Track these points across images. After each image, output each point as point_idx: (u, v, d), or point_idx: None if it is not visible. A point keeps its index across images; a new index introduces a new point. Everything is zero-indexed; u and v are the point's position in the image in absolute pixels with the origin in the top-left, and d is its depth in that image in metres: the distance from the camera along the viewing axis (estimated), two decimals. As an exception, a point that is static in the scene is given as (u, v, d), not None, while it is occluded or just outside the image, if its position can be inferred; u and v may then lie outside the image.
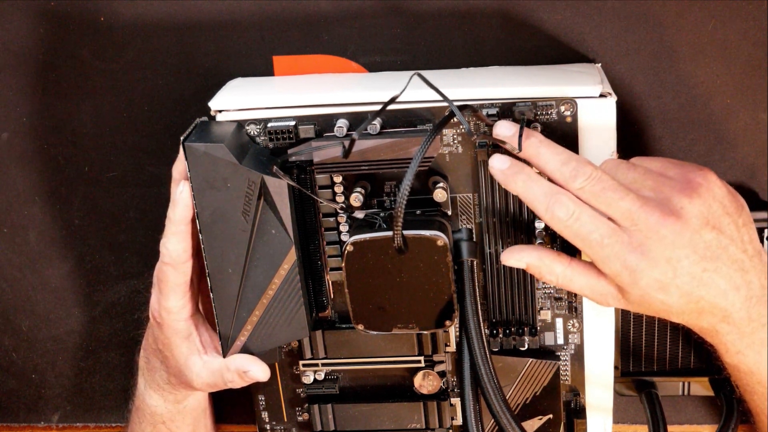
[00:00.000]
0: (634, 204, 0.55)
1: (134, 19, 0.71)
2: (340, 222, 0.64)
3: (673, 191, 0.56)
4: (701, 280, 0.55)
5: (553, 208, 0.56)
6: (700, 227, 0.55)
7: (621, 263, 0.55)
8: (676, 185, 0.56)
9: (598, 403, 0.70)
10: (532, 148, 0.57)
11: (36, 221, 0.79)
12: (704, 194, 0.56)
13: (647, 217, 0.55)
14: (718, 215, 0.56)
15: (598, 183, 0.56)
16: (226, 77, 0.69)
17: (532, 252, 0.59)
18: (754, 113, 0.68)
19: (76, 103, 0.74)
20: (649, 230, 0.55)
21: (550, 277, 0.59)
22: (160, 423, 0.71)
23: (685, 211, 0.55)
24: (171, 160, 0.63)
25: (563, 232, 0.57)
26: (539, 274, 0.60)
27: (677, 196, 0.55)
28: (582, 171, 0.56)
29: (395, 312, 0.62)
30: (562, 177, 0.56)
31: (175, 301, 0.64)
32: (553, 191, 0.56)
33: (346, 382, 0.71)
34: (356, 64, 0.70)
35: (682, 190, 0.56)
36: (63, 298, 0.81)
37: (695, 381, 0.74)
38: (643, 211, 0.55)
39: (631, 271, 0.55)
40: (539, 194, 0.57)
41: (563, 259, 0.59)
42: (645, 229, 0.55)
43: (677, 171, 0.58)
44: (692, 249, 0.55)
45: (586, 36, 0.67)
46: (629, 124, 0.69)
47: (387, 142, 0.59)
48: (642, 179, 0.57)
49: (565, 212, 0.56)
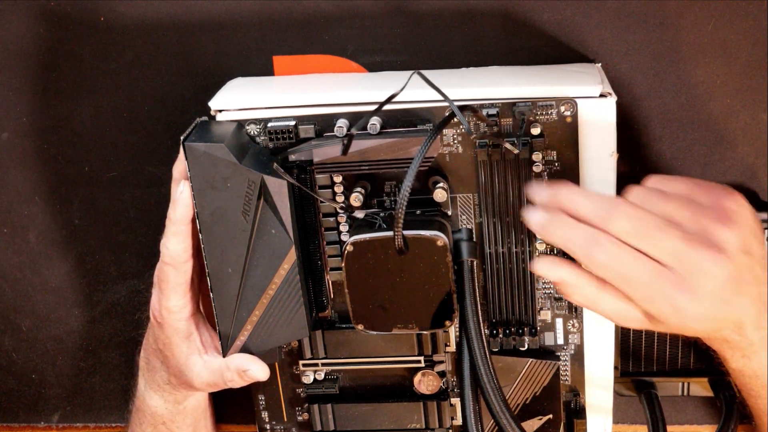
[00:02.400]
0: (678, 243, 0.54)
1: (134, 19, 0.71)
2: (340, 222, 0.64)
3: (711, 222, 0.55)
4: (731, 304, 0.55)
5: (593, 254, 0.55)
6: (739, 256, 0.55)
7: (668, 303, 0.54)
8: (713, 215, 0.55)
9: (598, 404, 0.70)
10: (563, 197, 0.57)
11: (36, 221, 0.79)
12: (739, 221, 0.55)
13: (693, 255, 0.54)
14: (750, 239, 0.56)
15: (637, 222, 0.54)
16: (226, 77, 0.69)
17: (568, 269, 0.58)
18: (754, 113, 0.68)
19: (76, 103, 0.74)
20: (697, 269, 0.54)
21: (578, 296, 0.58)
22: (160, 423, 0.71)
23: (728, 244, 0.54)
24: (171, 160, 0.63)
25: (606, 274, 0.55)
26: (569, 291, 0.58)
27: (717, 228, 0.55)
28: (618, 212, 0.55)
29: (395, 312, 0.62)
30: (599, 220, 0.55)
31: (176, 300, 0.64)
32: (592, 236, 0.55)
33: (346, 382, 0.71)
34: (356, 64, 0.70)
35: (719, 220, 0.55)
36: (63, 298, 0.81)
37: (695, 381, 0.74)
38: (688, 249, 0.54)
39: (678, 310, 0.54)
40: (578, 241, 0.55)
41: (594, 280, 0.57)
42: (691, 267, 0.54)
43: (707, 197, 0.57)
44: (733, 279, 0.54)
45: (586, 36, 0.67)
46: (629, 124, 0.69)
47: (387, 142, 0.59)
48: (678, 210, 0.56)
49: (606, 256, 0.55)
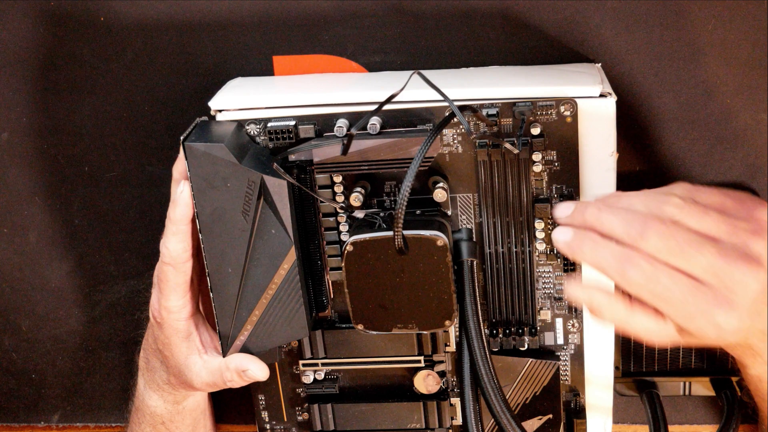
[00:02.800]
0: (715, 258, 0.53)
1: (134, 19, 0.71)
2: (340, 222, 0.64)
3: (747, 234, 0.54)
4: (762, 314, 0.54)
5: (628, 273, 0.53)
6: None
7: (707, 320, 0.53)
8: (748, 227, 0.54)
9: (598, 403, 0.70)
10: (592, 217, 0.55)
11: (36, 221, 0.79)
12: None
13: (731, 270, 0.53)
14: None
15: (671, 240, 0.53)
16: (226, 77, 0.69)
17: (599, 291, 0.57)
18: (754, 113, 0.68)
19: (76, 103, 0.74)
20: (734, 283, 0.53)
21: (609, 316, 0.57)
22: (159, 423, 0.71)
23: (764, 257, 0.53)
24: (171, 160, 0.63)
25: (640, 293, 0.54)
26: (600, 312, 0.57)
27: (753, 240, 0.54)
28: (651, 229, 0.53)
29: (395, 312, 0.62)
30: (631, 238, 0.54)
31: (175, 300, 0.64)
32: (625, 255, 0.54)
33: (346, 381, 0.71)
34: (356, 64, 0.70)
35: (755, 232, 0.54)
36: (63, 298, 0.81)
37: (696, 381, 0.74)
38: (726, 264, 0.53)
39: (718, 327, 0.53)
40: (610, 260, 0.54)
41: (625, 300, 0.56)
42: (730, 283, 0.53)
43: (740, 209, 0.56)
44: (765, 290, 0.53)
45: (586, 36, 0.67)
46: (629, 124, 0.69)
47: (387, 142, 0.59)
48: (716, 225, 0.54)
49: (641, 275, 0.53)
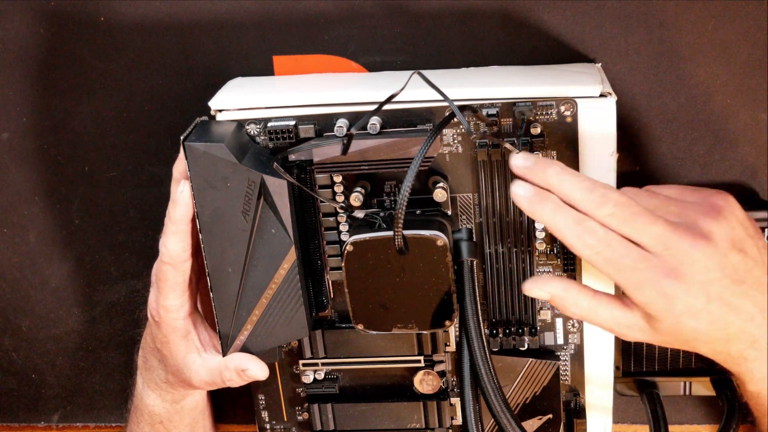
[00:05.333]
0: (665, 228, 0.54)
1: (134, 19, 0.71)
2: (340, 222, 0.64)
3: (699, 214, 0.55)
4: (731, 305, 0.55)
5: (583, 236, 0.55)
6: (728, 250, 0.55)
7: (656, 289, 0.54)
8: (699, 209, 0.56)
9: (598, 403, 0.70)
10: (554, 178, 0.56)
11: (36, 221, 0.79)
12: (728, 216, 0.56)
13: (679, 241, 0.54)
14: (742, 237, 0.56)
15: (627, 209, 0.54)
16: (226, 77, 0.69)
17: (557, 283, 0.58)
18: (754, 113, 0.68)
19: (76, 103, 0.74)
20: (682, 254, 0.54)
21: (574, 309, 0.58)
22: (158, 423, 0.71)
23: (713, 234, 0.54)
24: (171, 160, 0.63)
25: (593, 259, 0.55)
26: (563, 306, 0.58)
27: (703, 219, 0.55)
28: (609, 198, 0.55)
29: (395, 312, 0.62)
30: (588, 205, 0.55)
31: (174, 299, 0.64)
32: (581, 219, 0.55)
33: (346, 381, 0.71)
34: (356, 64, 0.70)
35: (707, 213, 0.55)
36: (63, 298, 0.81)
37: (696, 381, 0.74)
38: (674, 235, 0.54)
39: (667, 297, 0.54)
40: (567, 222, 0.55)
41: (588, 291, 0.58)
42: (678, 254, 0.54)
43: (696, 195, 0.57)
44: (722, 272, 0.54)
45: (586, 36, 0.67)
46: (629, 124, 0.69)
47: (387, 142, 0.59)
48: (665, 205, 0.56)
49: (595, 239, 0.55)
